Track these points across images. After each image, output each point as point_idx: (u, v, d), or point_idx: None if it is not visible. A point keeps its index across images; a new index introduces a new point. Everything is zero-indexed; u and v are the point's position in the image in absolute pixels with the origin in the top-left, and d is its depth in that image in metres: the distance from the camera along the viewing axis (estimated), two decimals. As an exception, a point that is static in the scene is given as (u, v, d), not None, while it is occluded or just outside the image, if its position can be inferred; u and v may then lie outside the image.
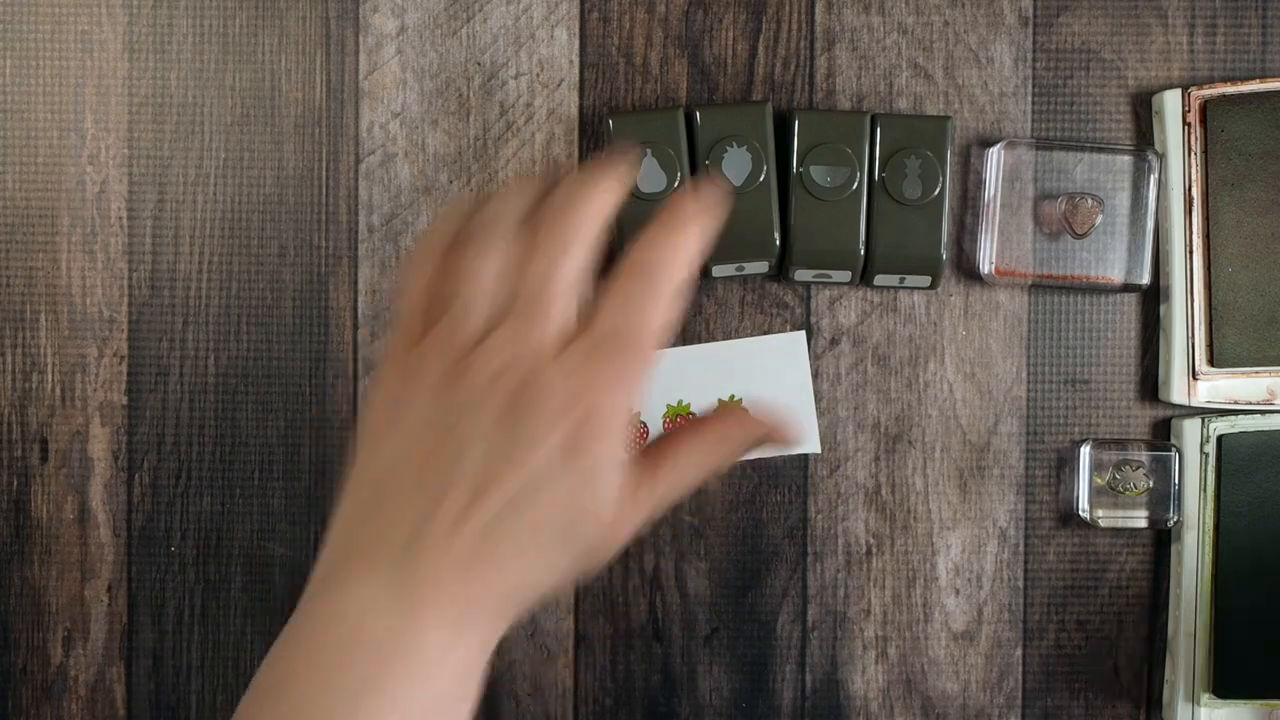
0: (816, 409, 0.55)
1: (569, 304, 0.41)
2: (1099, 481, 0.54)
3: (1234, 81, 0.53)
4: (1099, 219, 0.53)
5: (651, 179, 0.52)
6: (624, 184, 0.42)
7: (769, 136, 0.52)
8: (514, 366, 0.40)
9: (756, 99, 0.54)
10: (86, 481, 0.55)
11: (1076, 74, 0.54)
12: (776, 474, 0.55)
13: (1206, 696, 0.53)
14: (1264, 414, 0.53)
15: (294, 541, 0.55)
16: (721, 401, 0.54)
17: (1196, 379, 0.53)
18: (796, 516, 0.55)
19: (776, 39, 0.55)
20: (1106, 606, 0.55)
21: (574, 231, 0.41)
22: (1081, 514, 0.54)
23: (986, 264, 0.54)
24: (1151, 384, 0.55)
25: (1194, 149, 0.53)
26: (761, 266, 0.53)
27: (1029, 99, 0.54)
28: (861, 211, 0.52)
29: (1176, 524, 0.54)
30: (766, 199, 0.52)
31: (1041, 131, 0.54)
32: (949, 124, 0.52)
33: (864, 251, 0.52)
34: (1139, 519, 0.54)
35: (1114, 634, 0.55)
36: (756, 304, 0.55)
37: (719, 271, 0.53)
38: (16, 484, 0.55)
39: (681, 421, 0.54)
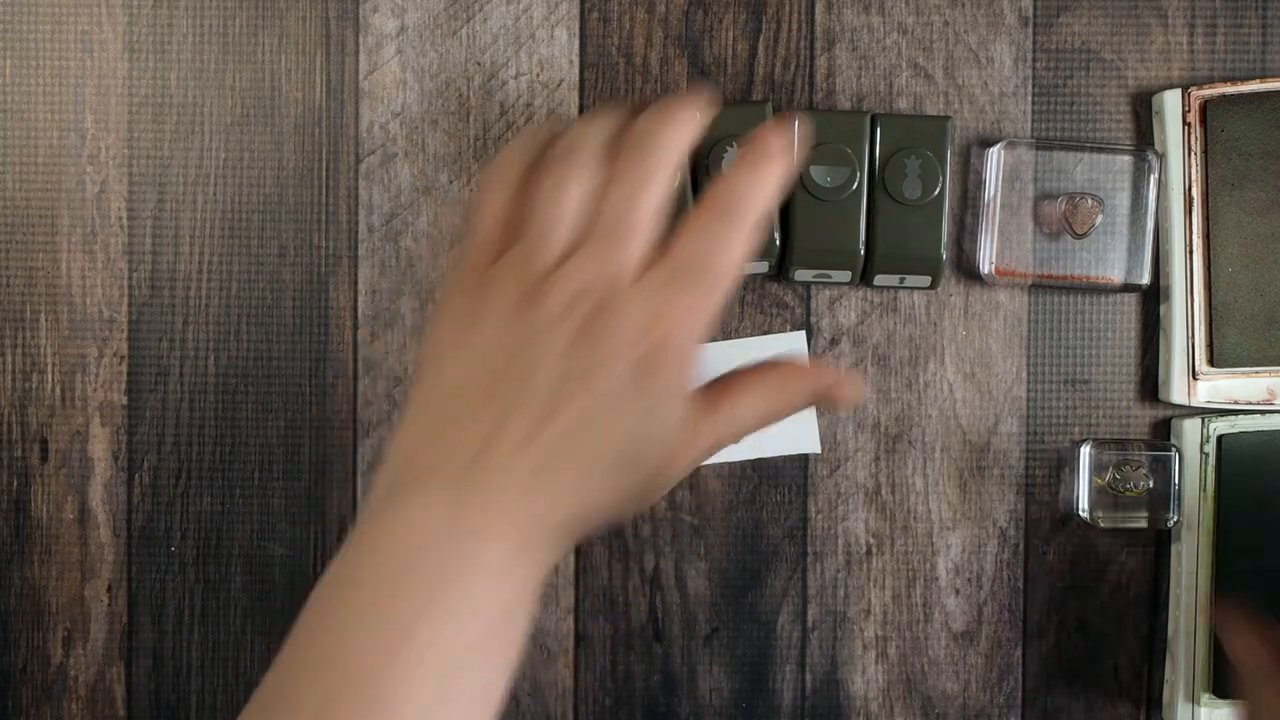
0: (816, 409, 0.55)
1: (648, 233, 0.41)
2: (1099, 481, 0.54)
3: (1234, 81, 0.53)
4: (1099, 219, 0.53)
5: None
6: (703, 118, 0.42)
7: None
8: (591, 292, 0.40)
9: (756, 99, 0.54)
10: (86, 481, 0.55)
11: (1076, 74, 0.54)
12: (776, 474, 0.55)
13: (1206, 696, 0.53)
14: (1264, 414, 0.53)
15: (294, 541, 0.55)
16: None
17: (1196, 379, 0.53)
18: (796, 516, 0.55)
19: (776, 39, 0.55)
20: (1106, 606, 0.55)
21: (656, 161, 0.41)
22: (1081, 514, 0.54)
23: (986, 264, 0.54)
24: (1151, 384, 0.55)
25: (1194, 149, 0.53)
26: (761, 266, 0.53)
27: (1029, 99, 0.54)
28: (861, 211, 0.52)
29: (1176, 524, 0.54)
30: (766, 199, 0.52)
31: (1041, 131, 0.54)
32: (949, 124, 0.52)
33: (864, 251, 0.52)
34: (1139, 519, 0.54)
35: (1114, 634, 0.55)
36: (756, 304, 0.55)
37: (719, 271, 0.53)
38: (16, 484, 0.55)
39: None
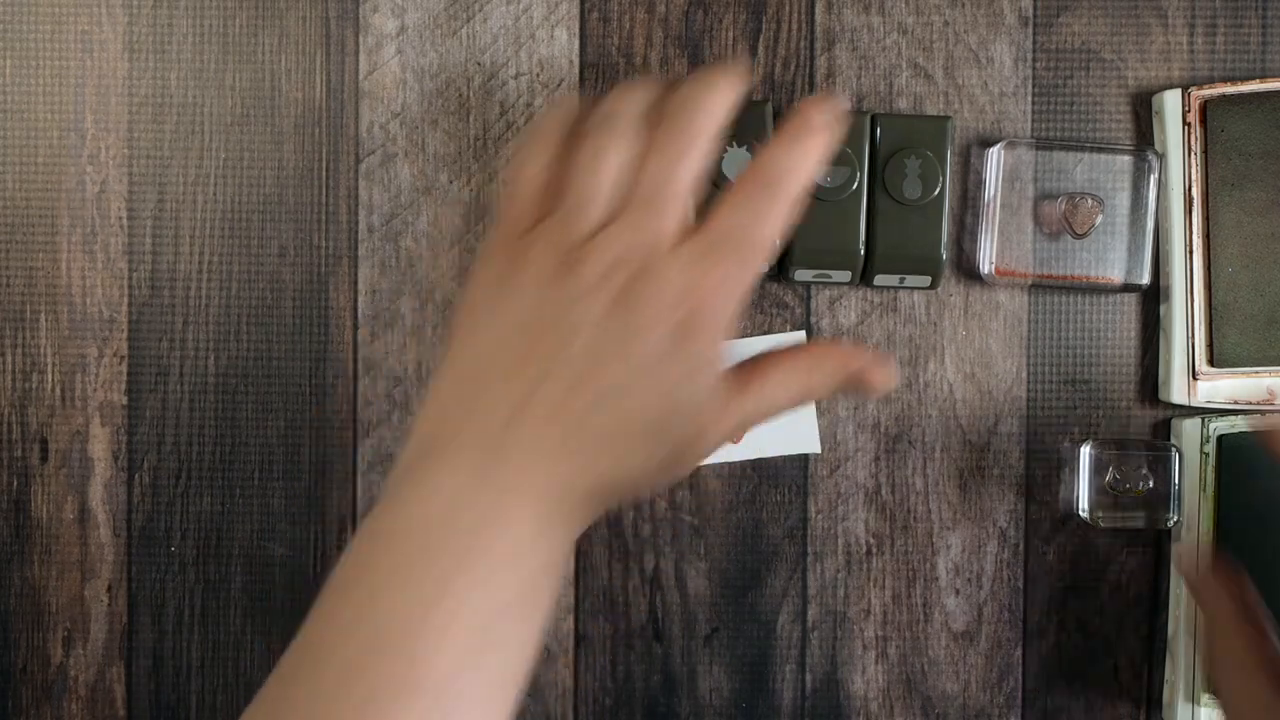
0: (816, 409, 0.55)
1: (686, 203, 0.41)
2: (1099, 481, 0.54)
3: (1234, 81, 0.53)
4: (1099, 219, 0.53)
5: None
6: (740, 89, 0.42)
7: (769, 136, 0.52)
8: (628, 260, 0.40)
9: (756, 99, 0.54)
10: (86, 481, 0.55)
11: (1076, 74, 0.54)
12: (776, 474, 0.55)
13: (1206, 697, 0.53)
14: (1264, 414, 0.53)
15: (294, 541, 0.55)
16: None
17: (1196, 379, 0.53)
18: (796, 516, 0.55)
19: (776, 39, 0.55)
20: (1106, 606, 0.55)
21: (695, 132, 0.41)
22: (1081, 514, 0.54)
23: (986, 264, 0.54)
24: (1151, 384, 0.55)
25: (1194, 149, 0.53)
26: (762, 266, 0.53)
27: (1029, 99, 0.54)
28: (861, 211, 0.52)
29: (1176, 524, 0.54)
30: (766, 199, 0.52)
31: (1041, 131, 0.54)
32: (949, 124, 0.52)
33: (864, 251, 0.52)
34: (1139, 519, 0.54)
35: (1114, 634, 0.55)
36: (756, 304, 0.55)
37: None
38: (16, 484, 0.55)
39: None
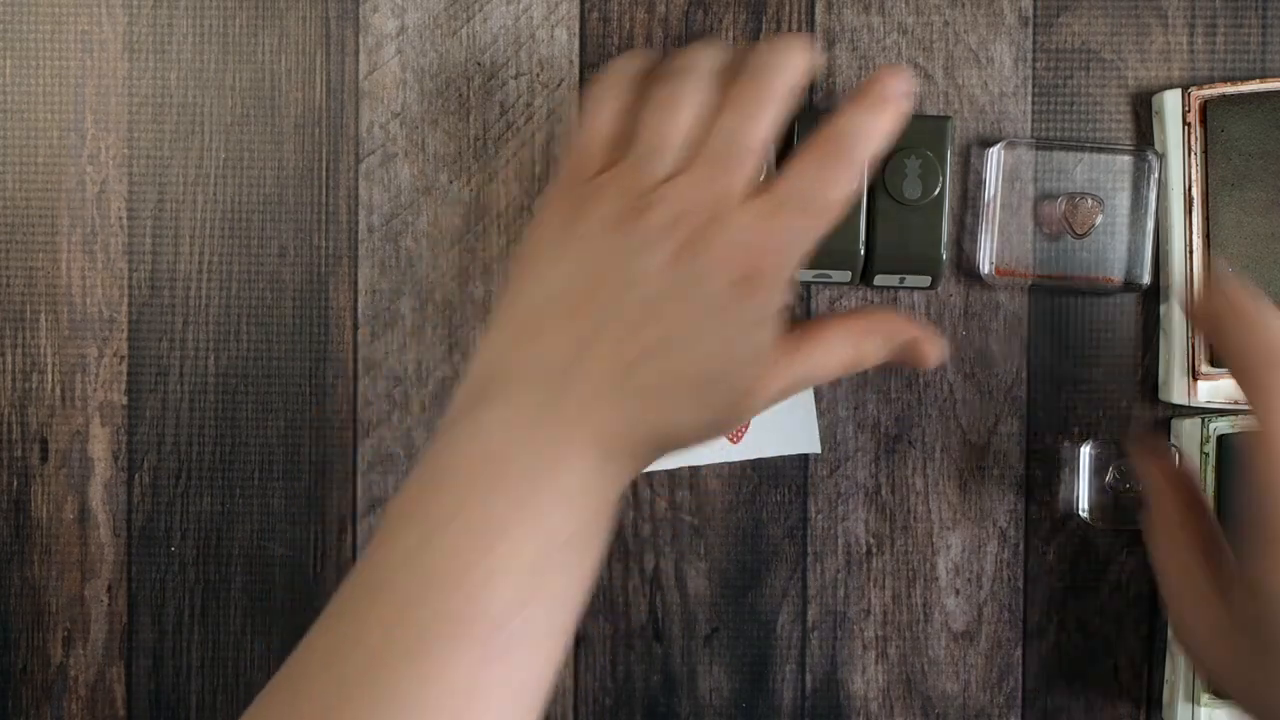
0: (816, 409, 0.55)
1: (757, 161, 0.41)
2: (1099, 481, 0.54)
3: (1234, 81, 0.53)
4: (1099, 219, 0.53)
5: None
6: (813, 57, 0.43)
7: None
8: (695, 212, 0.40)
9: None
10: (86, 481, 0.55)
11: (1076, 74, 0.54)
12: (776, 474, 0.55)
13: (1206, 697, 0.53)
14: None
15: (294, 541, 0.55)
16: None
17: (1196, 379, 0.53)
18: (796, 516, 0.55)
19: (776, 39, 0.54)
20: (1106, 606, 0.55)
21: (772, 91, 0.42)
22: (1081, 514, 0.54)
23: (986, 264, 0.54)
24: (1151, 384, 0.55)
25: (1194, 149, 0.53)
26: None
27: (1029, 99, 0.54)
28: (861, 211, 0.52)
29: (1176, 524, 0.54)
30: (766, 199, 0.52)
31: (1041, 131, 0.54)
32: (949, 124, 0.52)
33: (864, 251, 0.52)
34: (1139, 519, 0.54)
35: (1114, 634, 0.55)
36: (756, 304, 0.55)
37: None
38: (16, 484, 0.55)
39: None
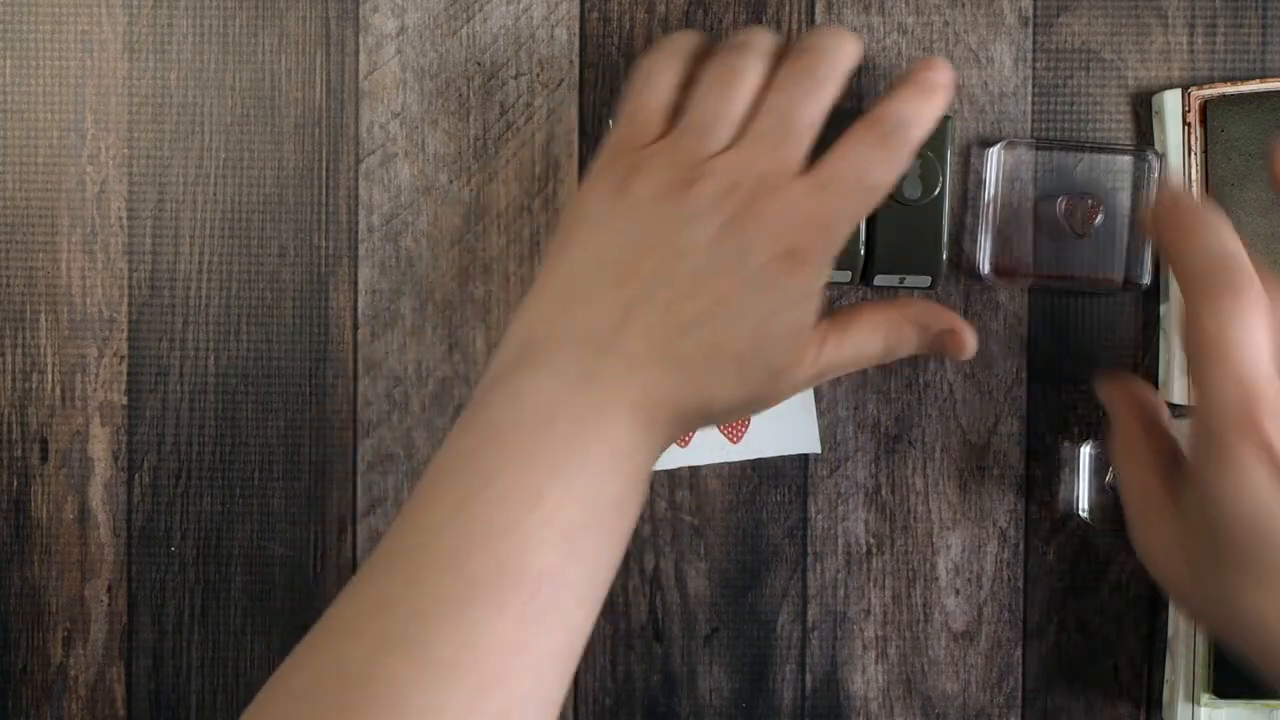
0: (817, 409, 0.55)
1: (807, 140, 0.42)
2: (1099, 481, 0.54)
3: (1234, 81, 0.53)
4: (1099, 219, 0.53)
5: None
6: (861, 47, 0.44)
7: None
8: (744, 187, 0.41)
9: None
10: (86, 481, 0.55)
11: (1076, 74, 0.54)
12: (776, 474, 0.55)
13: (1206, 696, 0.53)
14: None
15: (294, 541, 0.55)
16: None
17: (1196, 379, 0.53)
18: (796, 516, 0.55)
19: (776, 39, 0.54)
20: (1106, 606, 0.55)
21: (826, 72, 0.43)
22: (1081, 514, 0.54)
23: (986, 264, 0.54)
24: (1152, 384, 0.55)
25: (1194, 149, 0.53)
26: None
27: (1029, 99, 0.54)
28: (861, 211, 0.52)
29: (1176, 524, 0.54)
30: (766, 199, 0.52)
31: (1041, 131, 0.54)
32: (949, 124, 0.52)
33: (864, 251, 0.52)
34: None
35: (1114, 634, 0.55)
36: (756, 304, 0.55)
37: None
38: (16, 484, 0.55)
39: None
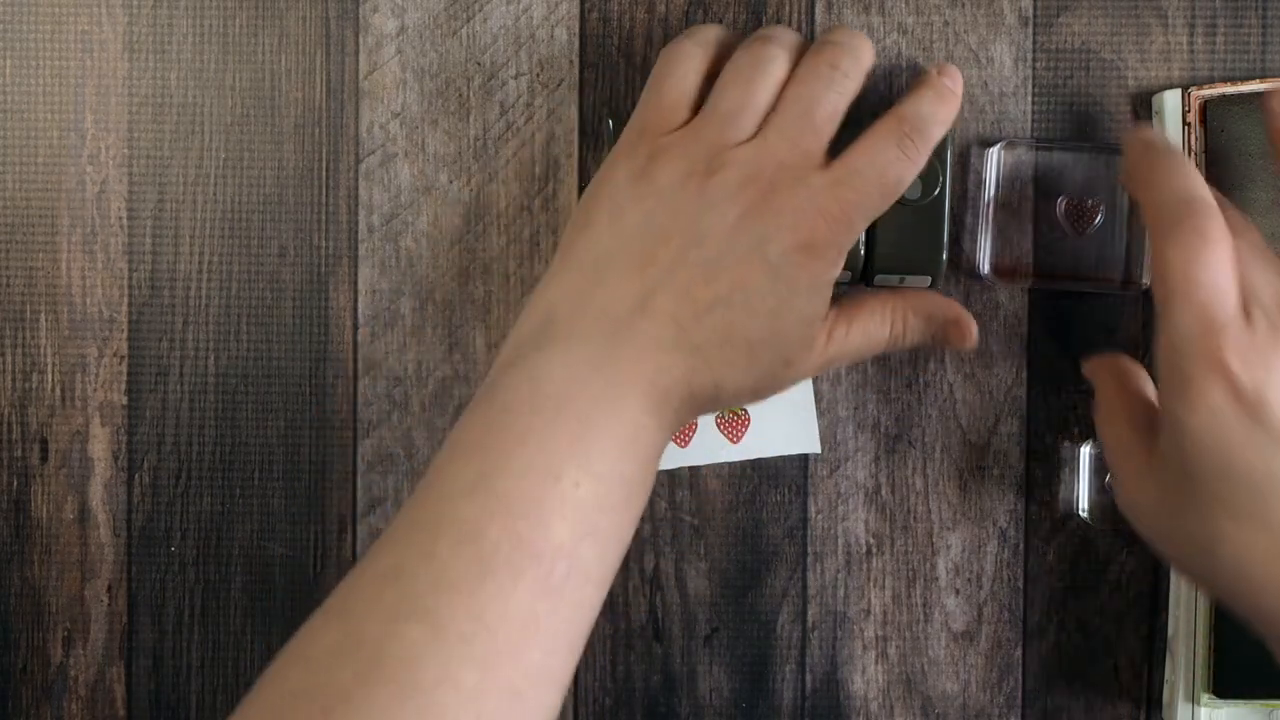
0: (816, 409, 0.55)
1: (828, 134, 0.43)
2: (1099, 481, 0.54)
3: (1234, 81, 0.53)
4: (1099, 219, 0.53)
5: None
6: (873, 50, 0.46)
7: None
8: (764, 177, 0.42)
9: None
10: (86, 481, 0.55)
11: (1076, 74, 0.54)
12: (776, 474, 0.55)
13: (1206, 696, 0.53)
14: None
15: (294, 541, 0.55)
16: None
17: (1196, 379, 0.53)
18: (796, 516, 0.55)
19: (776, 39, 0.54)
20: (1106, 606, 0.55)
21: (848, 68, 0.44)
22: (1081, 514, 0.54)
23: (986, 264, 0.54)
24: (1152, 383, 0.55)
25: (1194, 149, 0.53)
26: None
27: (1029, 99, 0.54)
28: (861, 211, 0.52)
29: (1176, 524, 0.54)
30: (766, 199, 0.52)
31: (1041, 131, 0.54)
32: (949, 124, 0.52)
33: (864, 251, 0.52)
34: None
35: (1114, 634, 0.55)
36: (756, 304, 0.55)
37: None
38: (16, 484, 0.55)
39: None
